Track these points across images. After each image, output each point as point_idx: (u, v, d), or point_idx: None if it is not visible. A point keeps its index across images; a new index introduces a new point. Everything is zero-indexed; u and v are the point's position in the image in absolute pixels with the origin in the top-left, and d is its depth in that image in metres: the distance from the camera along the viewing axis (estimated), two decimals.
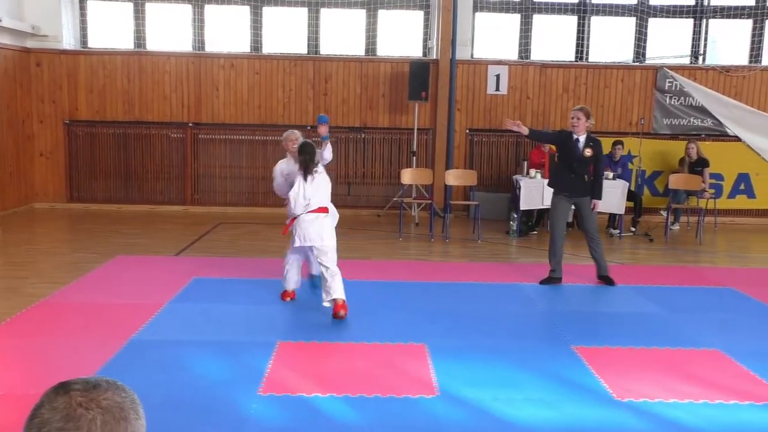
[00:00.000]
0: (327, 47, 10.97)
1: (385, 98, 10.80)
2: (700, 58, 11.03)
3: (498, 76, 10.75)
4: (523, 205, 9.10)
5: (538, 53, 10.96)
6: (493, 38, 11.06)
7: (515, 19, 10.92)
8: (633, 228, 9.64)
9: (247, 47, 10.91)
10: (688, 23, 10.98)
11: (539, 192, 8.94)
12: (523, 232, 9.31)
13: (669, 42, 11.06)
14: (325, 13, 10.87)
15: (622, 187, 9.12)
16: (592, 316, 5.75)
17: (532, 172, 9.34)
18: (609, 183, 9.10)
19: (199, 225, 9.58)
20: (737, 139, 10.68)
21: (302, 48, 10.96)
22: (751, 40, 10.94)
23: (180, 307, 5.62)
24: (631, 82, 10.86)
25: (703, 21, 10.93)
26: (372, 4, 10.75)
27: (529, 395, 4.05)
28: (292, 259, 5.83)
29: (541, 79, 10.82)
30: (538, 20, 10.94)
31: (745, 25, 10.98)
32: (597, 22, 11.01)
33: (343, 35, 10.97)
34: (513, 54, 10.97)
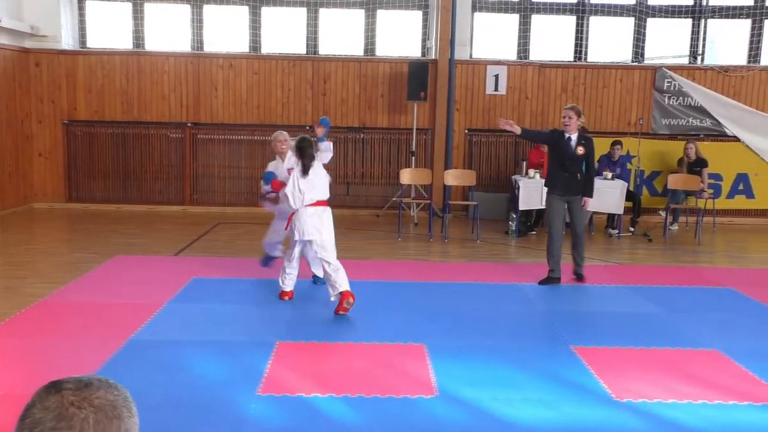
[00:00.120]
0: (326, 47, 10.97)
1: (384, 98, 10.80)
2: (699, 58, 11.04)
3: (497, 76, 10.76)
4: (522, 206, 9.10)
5: (537, 53, 10.96)
6: (491, 38, 11.06)
7: (514, 19, 10.92)
8: (632, 228, 9.65)
9: (246, 47, 10.91)
10: (687, 23, 10.98)
11: (538, 192, 8.93)
12: (522, 232, 9.32)
13: (668, 42, 11.06)
14: (323, 13, 10.87)
15: (621, 187, 9.12)
16: (591, 317, 5.75)
17: (531, 172, 9.34)
18: (608, 183, 9.13)
19: (198, 225, 9.58)
20: (736, 139, 10.73)
21: (301, 48, 10.96)
22: (750, 40, 10.95)
23: (179, 307, 5.62)
24: (630, 82, 10.86)
25: (702, 21, 10.93)
26: (371, 4, 10.75)
27: (528, 395, 4.05)
28: (293, 258, 5.83)
29: (539, 79, 10.83)
30: (537, 20, 10.95)
31: (744, 25, 10.99)
32: (596, 22, 11.02)
33: (341, 35, 10.97)
34: (512, 54, 10.98)
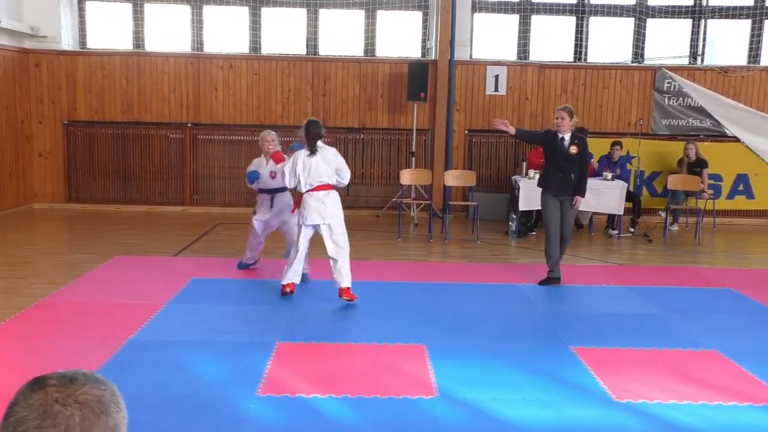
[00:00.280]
0: (326, 48, 10.97)
1: (383, 99, 10.80)
2: (699, 58, 11.04)
3: (497, 77, 10.76)
4: (522, 206, 9.10)
5: (537, 54, 10.96)
6: (491, 39, 11.06)
7: (514, 20, 10.93)
8: (632, 229, 9.65)
9: (246, 48, 10.91)
10: (687, 24, 10.99)
11: (538, 193, 8.90)
12: (522, 232, 9.32)
13: (667, 42, 11.06)
14: (323, 14, 10.87)
15: (621, 187, 9.12)
16: (591, 317, 5.75)
17: (531, 172, 9.33)
18: (608, 183, 9.13)
19: (198, 225, 9.58)
20: (736, 139, 10.74)
21: (301, 49, 10.96)
22: (750, 41, 10.95)
23: (179, 308, 5.62)
24: (630, 82, 10.86)
25: (702, 21, 10.93)
26: (371, 4, 10.75)
27: (528, 396, 4.05)
28: (303, 244, 5.86)
29: (539, 79, 10.83)
30: (537, 21, 10.95)
31: (744, 26, 10.99)
32: (595, 23, 11.02)
33: (341, 36, 10.97)
34: (512, 55, 10.98)
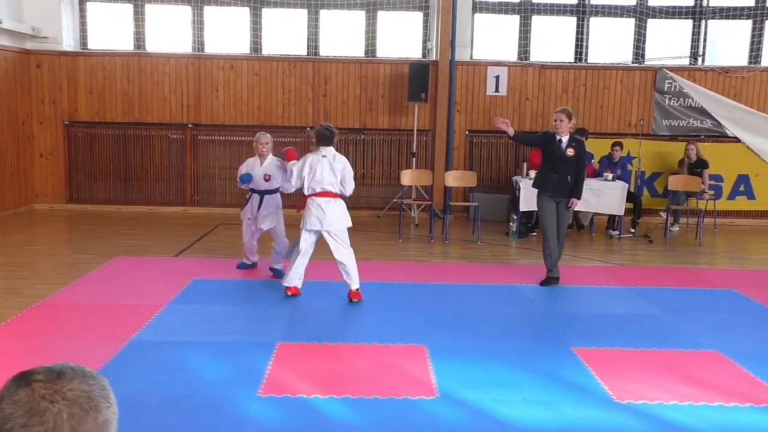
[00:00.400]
0: (326, 48, 10.98)
1: (384, 99, 10.80)
2: (700, 59, 11.03)
3: (497, 78, 10.76)
4: (523, 207, 9.09)
5: (538, 54, 10.96)
6: (492, 39, 11.06)
7: (514, 21, 10.92)
8: (632, 229, 9.65)
9: (247, 48, 10.91)
10: (687, 24, 10.98)
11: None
12: (523, 233, 9.32)
13: (668, 43, 11.06)
14: (324, 15, 10.88)
15: (622, 188, 9.12)
16: (592, 318, 5.75)
17: (532, 173, 9.31)
18: (608, 184, 9.13)
19: (199, 226, 9.59)
20: (737, 140, 10.74)
21: (302, 49, 10.97)
22: (751, 41, 10.95)
23: (180, 308, 5.62)
24: (631, 83, 10.86)
25: (702, 22, 10.93)
26: (371, 5, 10.76)
27: (529, 396, 4.05)
28: (303, 253, 5.89)
29: (540, 80, 10.83)
30: (537, 21, 10.95)
31: (745, 26, 10.98)
32: (596, 23, 11.02)
33: (342, 36, 10.97)
34: (512, 55, 10.98)
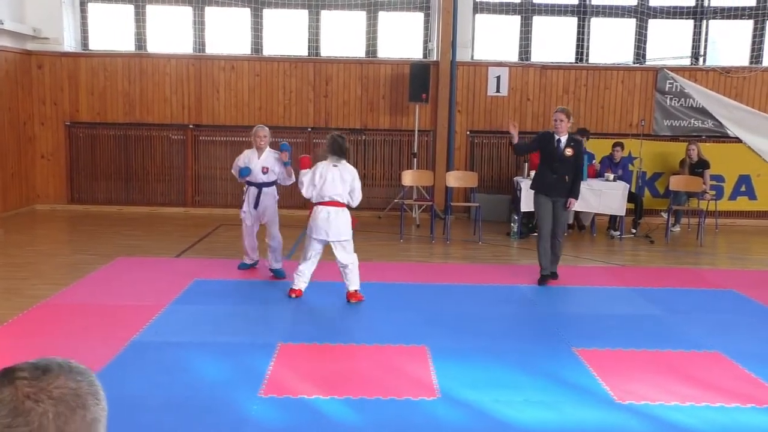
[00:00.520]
0: (327, 49, 10.98)
1: (385, 100, 10.80)
2: (701, 59, 11.03)
3: (498, 78, 10.76)
4: (524, 207, 9.08)
5: (539, 55, 10.96)
6: (493, 40, 11.06)
7: (515, 21, 10.92)
8: (634, 230, 9.64)
9: (248, 49, 10.91)
10: (689, 24, 10.98)
11: None
12: (524, 233, 9.31)
13: (669, 43, 11.05)
14: (325, 15, 10.88)
15: (623, 188, 9.11)
16: (593, 318, 5.75)
17: (533, 173, 9.32)
18: (609, 185, 9.13)
19: (200, 227, 9.59)
20: (738, 140, 10.69)
21: (303, 50, 10.96)
22: (752, 41, 10.94)
23: (181, 309, 5.62)
24: (632, 83, 10.85)
25: (704, 22, 10.92)
26: (372, 5, 10.76)
27: (530, 397, 4.05)
28: (311, 261, 5.92)
29: (541, 80, 10.82)
30: (538, 22, 10.94)
31: (746, 26, 10.97)
32: (597, 24, 11.01)
33: (343, 37, 10.97)
34: (513, 55, 10.97)
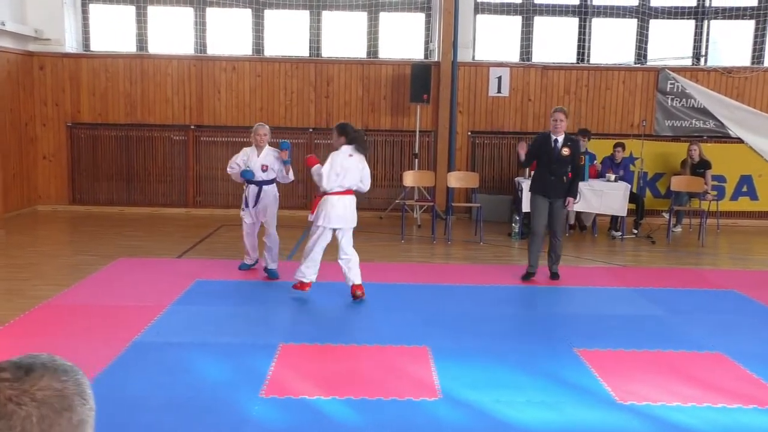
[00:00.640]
0: (329, 50, 10.98)
1: (386, 100, 10.80)
2: (702, 59, 11.02)
3: (499, 78, 10.76)
4: (525, 207, 9.06)
5: (540, 55, 10.96)
6: (494, 40, 11.05)
7: (516, 21, 10.92)
8: (635, 230, 9.63)
9: (249, 50, 10.91)
10: (690, 24, 10.97)
11: None
12: (525, 234, 9.28)
13: (670, 43, 11.04)
14: (326, 16, 10.88)
15: (624, 189, 9.11)
16: (595, 319, 5.74)
17: (534, 173, 9.32)
18: (611, 185, 9.13)
19: (202, 227, 9.59)
20: (739, 140, 10.71)
21: (304, 50, 10.97)
22: (753, 41, 10.92)
23: (182, 309, 5.63)
24: (633, 83, 10.85)
25: (705, 22, 10.91)
26: (373, 6, 10.76)
27: (531, 398, 4.05)
28: (320, 249, 5.90)
29: (542, 81, 10.82)
30: (539, 22, 10.94)
31: (747, 26, 10.96)
32: (598, 24, 11.00)
33: (344, 38, 10.97)
34: (514, 56, 10.97)
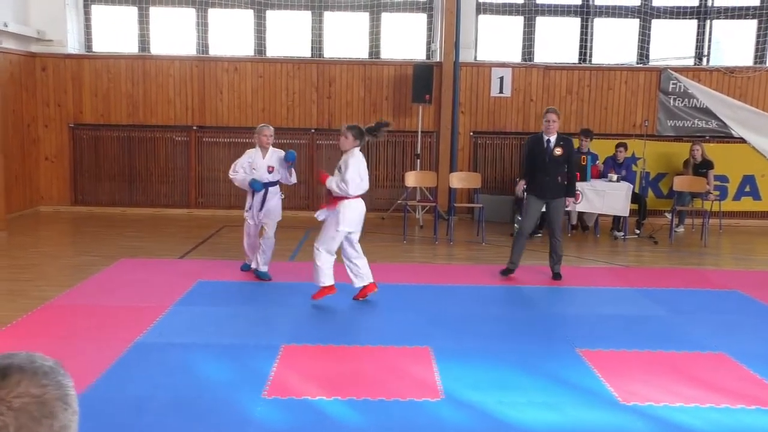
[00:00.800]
0: (330, 50, 10.98)
1: (388, 101, 10.80)
2: (704, 59, 11.00)
3: (501, 79, 10.75)
4: None
5: (542, 55, 10.95)
6: (496, 40, 11.05)
7: (518, 22, 10.91)
8: (637, 230, 9.62)
9: (251, 51, 10.92)
10: (692, 24, 10.95)
11: None
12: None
13: (673, 43, 11.03)
14: (328, 17, 10.89)
15: (626, 189, 9.10)
16: (597, 319, 5.73)
17: None
18: (613, 185, 9.12)
19: (203, 228, 9.60)
20: (742, 140, 10.67)
21: (306, 51, 10.97)
22: (756, 41, 10.91)
23: (184, 310, 5.63)
24: (635, 83, 10.84)
25: (707, 22, 10.90)
26: (375, 7, 10.76)
27: (534, 398, 4.04)
28: (333, 251, 5.82)
29: (544, 81, 10.81)
30: (541, 22, 10.93)
31: (750, 26, 10.95)
32: (600, 24, 10.99)
33: (346, 38, 10.98)
34: (516, 56, 10.97)
